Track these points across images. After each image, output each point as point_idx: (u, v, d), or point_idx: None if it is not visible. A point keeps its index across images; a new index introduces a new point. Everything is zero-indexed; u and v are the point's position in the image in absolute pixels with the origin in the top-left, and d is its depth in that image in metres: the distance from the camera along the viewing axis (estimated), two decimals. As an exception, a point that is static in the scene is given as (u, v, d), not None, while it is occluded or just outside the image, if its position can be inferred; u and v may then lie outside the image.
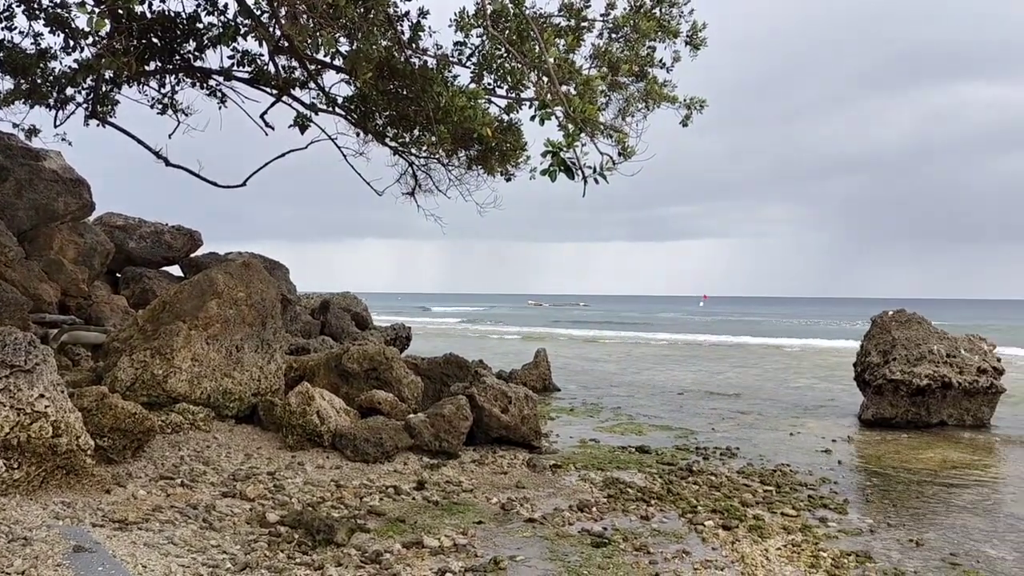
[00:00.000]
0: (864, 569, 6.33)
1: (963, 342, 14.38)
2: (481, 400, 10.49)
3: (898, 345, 14.13)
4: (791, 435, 12.93)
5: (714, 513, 7.80)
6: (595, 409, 15.45)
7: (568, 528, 7.21)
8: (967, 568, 6.49)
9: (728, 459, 10.80)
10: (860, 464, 10.90)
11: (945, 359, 13.90)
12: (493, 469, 9.46)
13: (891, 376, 13.84)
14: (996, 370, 14.18)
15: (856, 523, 7.73)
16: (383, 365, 11.24)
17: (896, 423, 13.84)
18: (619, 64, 8.00)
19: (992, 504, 8.71)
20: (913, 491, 9.25)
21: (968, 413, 13.96)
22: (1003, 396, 14.61)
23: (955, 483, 9.70)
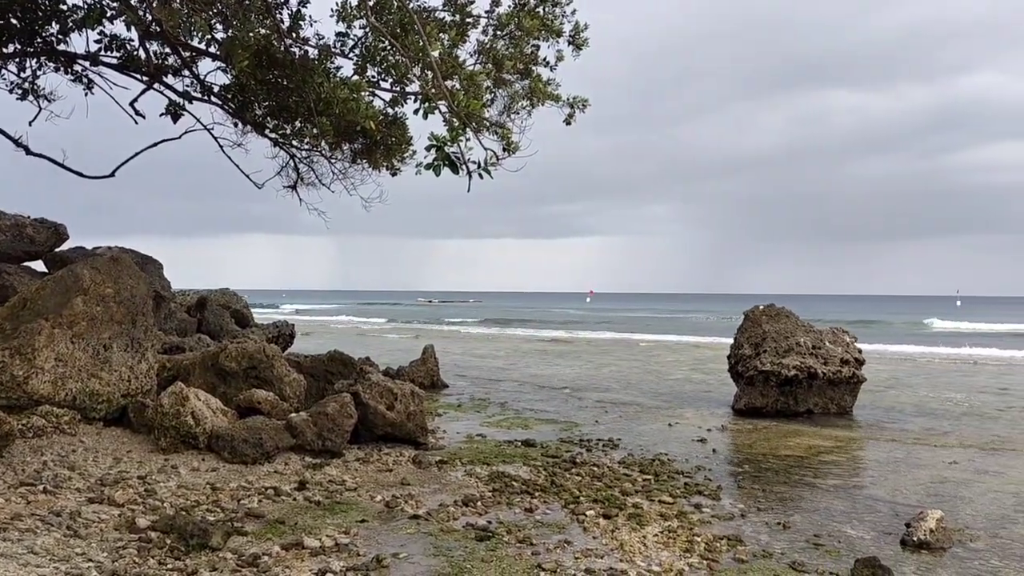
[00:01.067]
0: (735, 552, 6.60)
1: (827, 335, 15.23)
2: (366, 397, 10.35)
3: (768, 338, 14.83)
4: (670, 426, 13.37)
5: (596, 503, 7.97)
6: (482, 405, 15.52)
7: (453, 523, 7.21)
8: (829, 548, 6.86)
9: (610, 450, 11.06)
10: (733, 452, 11.38)
11: (811, 351, 14.69)
12: (378, 467, 9.36)
13: (762, 367, 14.52)
14: (857, 361, 15.10)
15: (728, 508, 8.07)
16: (263, 363, 10.93)
17: (767, 412, 14.54)
18: (503, 61, 8.06)
19: (852, 487, 9.27)
20: (781, 476, 9.73)
21: (832, 402, 14.80)
22: (863, 385, 15.57)
23: (820, 468, 10.26)
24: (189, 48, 10.25)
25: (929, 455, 11.17)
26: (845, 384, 14.87)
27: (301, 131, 10.62)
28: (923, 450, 11.54)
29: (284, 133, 11.13)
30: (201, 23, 7.51)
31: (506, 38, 8.86)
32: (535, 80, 8.97)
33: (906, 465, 10.48)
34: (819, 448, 11.61)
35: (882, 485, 9.33)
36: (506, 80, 8.92)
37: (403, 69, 8.25)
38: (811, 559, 6.51)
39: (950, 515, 7.71)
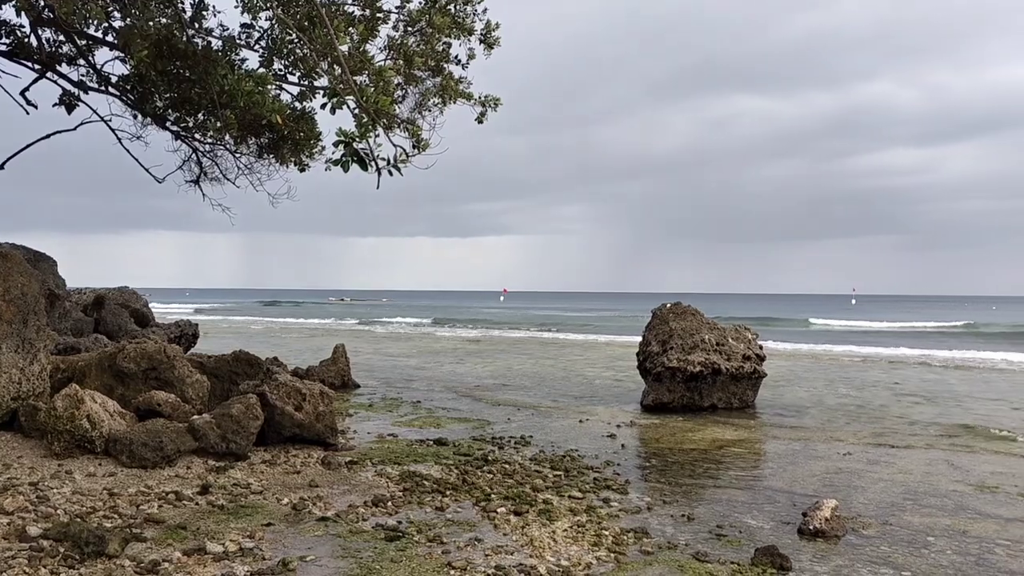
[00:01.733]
0: (641, 545, 6.75)
1: (730, 332, 15.73)
2: (273, 398, 10.12)
3: (675, 335, 15.21)
4: (580, 422, 13.55)
5: (507, 500, 8.01)
6: (394, 404, 15.39)
7: (362, 524, 7.13)
8: (731, 538, 7.09)
9: (522, 447, 11.14)
10: (641, 447, 11.63)
11: (715, 347, 15.14)
12: (285, 469, 9.17)
13: (669, 364, 14.88)
14: (758, 357, 15.64)
15: (636, 502, 8.24)
16: (164, 364, 10.56)
17: (673, 407, 14.91)
18: (414, 58, 8.00)
19: (753, 479, 9.59)
20: (687, 470, 9.99)
21: (735, 396, 15.29)
22: (764, 380, 16.15)
23: (723, 461, 10.59)
24: (85, 36, 9.80)
25: (825, 447, 11.66)
26: (747, 379, 15.39)
27: (204, 124, 10.27)
28: (819, 442, 12.04)
29: (186, 126, 10.74)
30: (97, 10, 7.18)
31: (417, 35, 8.80)
32: (447, 78, 8.94)
33: (803, 457, 10.92)
34: (722, 441, 11.97)
35: (781, 476, 9.70)
36: (417, 77, 8.86)
37: (311, 63, 8.09)
38: (714, 549, 6.70)
39: (844, 504, 8.06)
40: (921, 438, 12.45)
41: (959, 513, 8.10)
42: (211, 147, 11.76)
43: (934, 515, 8.00)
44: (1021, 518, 7.94)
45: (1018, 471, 10.14)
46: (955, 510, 8.21)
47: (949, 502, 8.53)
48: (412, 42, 8.71)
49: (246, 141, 10.47)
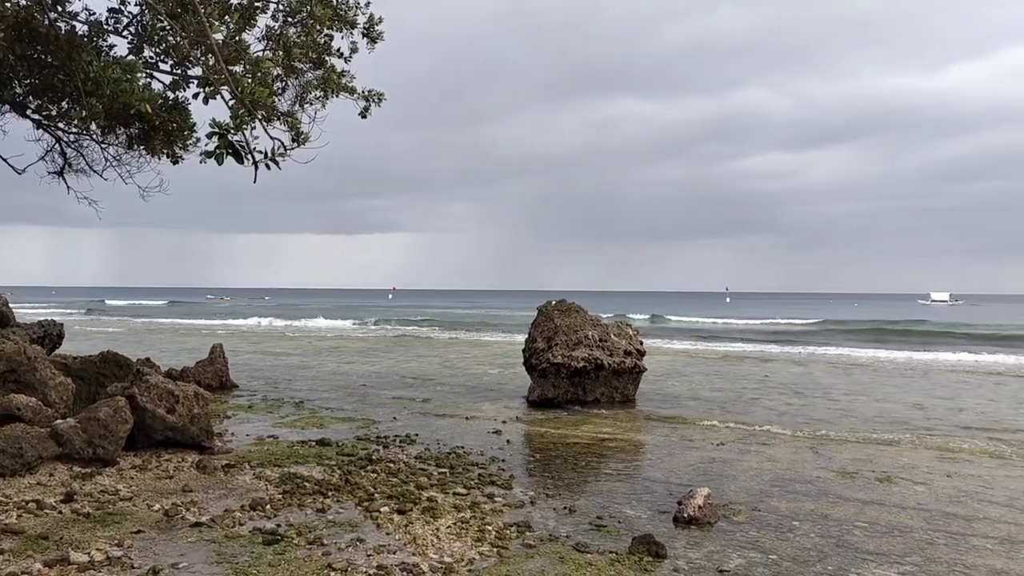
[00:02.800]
0: (524, 538, 6.83)
1: (613, 328, 16.12)
2: (143, 400, 9.68)
3: (560, 332, 15.47)
4: (467, 419, 13.59)
5: (390, 499, 7.94)
6: (276, 405, 14.99)
7: (239, 528, 6.91)
8: (611, 528, 7.27)
9: (407, 446, 11.07)
10: (526, 442, 11.77)
11: (599, 343, 15.49)
12: (157, 474, 8.79)
13: (554, 360, 15.13)
14: (639, 352, 16.10)
15: (519, 496, 8.33)
16: (24, 366, 9.92)
17: (558, 402, 15.16)
18: (293, 48, 7.79)
19: (633, 470, 9.87)
20: (570, 463, 10.18)
21: (617, 391, 15.70)
22: (645, 375, 16.64)
23: (604, 453, 10.84)
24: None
25: (700, 438, 12.12)
26: (629, 374, 15.81)
27: (68, 113, 9.67)
28: (695, 433, 12.50)
29: (49, 114, 10.10)
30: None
31: (298, 26, 8.58)
32: (329, 71, 8.75)
33: (680, 448, 11.32)
34: (604, 435, 12.26)
35: (659, 467, 10.02)
36: (298, 69, 8.64)
37: (184, 51, 7.75)
38: (594, 540, 6.85)
39: (717, 492, 8.40)
40: (788, 428, 13.12)
41: (822, 498, 8.58)
42: (76, 137, 11.11)
43: (799, 500, 8.45)
44: (877, 501, 8.49)
45: (875, 457, 10.83)
46: (818, 495, 8.70)
47: (813, 488, 9.03)
48: (292, 33, 8.50)
49: (114, 131, 9.93)
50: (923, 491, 8.94)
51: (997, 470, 10.08)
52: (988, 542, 7.07)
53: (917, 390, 18.93)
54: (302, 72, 8.70)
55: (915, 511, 8.07)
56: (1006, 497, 8.68)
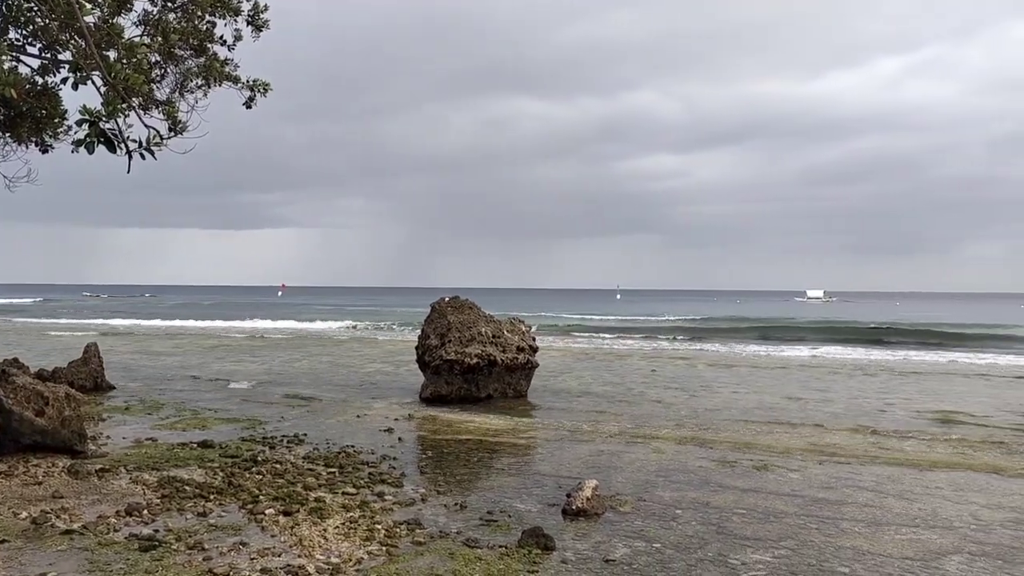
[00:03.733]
0: (414, 536, 6.78)
1: (506, 324, 16.22)
2: (9, 403, 9.10)
3: (453, 328, 15.45)
4: (358, 417, 13.40)
5: (276, 501, 7.74)
6: (155, 406, 14.37)
7: (113, 535, 6.59)
8: (501, 523, 7.31)
9: (295, 446, 10.81)
10: (418, 439, 11.70)
11: (492, 340, 15.56)
12: (24, 480, 8.29)
13: (447, 356, 15.10)
14: (532, 348, 16.27)
15: (410, 494, 8.27)
16: None
17: (451, 399, 15.15)
18: (171, 34, 7.44)
19: (524, 465, 9.96)
20: (462, 460, 10.18)
21: (510, 386, 15.81)
22: (537, 371, 16.83)
23: (496, 449, 10.90)
24: None
25: (590, 431, 12.35)
26: (521, 370, 15.95)
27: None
28: (585, 427, 12.73)
29: (-101, 96, 9.27)
30: None
31: (178, 11, 8.21)
32: (211, 59, 8.41)
33: (570, 442, 11.50)
34: (497, 430, 12.33)
35: (549, 461, 10.15)
36: (178, 56, 8.27)
37: (52, 34, 7.29)
38: (484, 535, 6.88)
39: (604, 484, 8.58)
40: (673, 421, 13.53)
41: (703, 487, 8.88)
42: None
43: (682, 490, 8.72)
44: (755, 488, 8.85)
45: (754, 447, 11.29)
46: (700, 484, 9.00)
47: (695, 477, 9.34)
48: (172, 18, 8.12)
49: (-25, 116, 9.23)
50: (797, 478, 9.38)
51: (864, 457, 10.68)
52: (856, 525, 7.48)
53: (792, 383, 19.87)
54: (182, 59, 8.35)
55: (789, 497, 8.47)
56: (872, 482, 9.21)
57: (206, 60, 8.29)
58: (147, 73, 6.67)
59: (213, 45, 8.38)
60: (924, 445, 11.55)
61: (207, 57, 8.29)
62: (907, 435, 12.35)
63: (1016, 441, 11.95)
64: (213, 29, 8.25)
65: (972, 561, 6.46)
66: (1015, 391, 18.67)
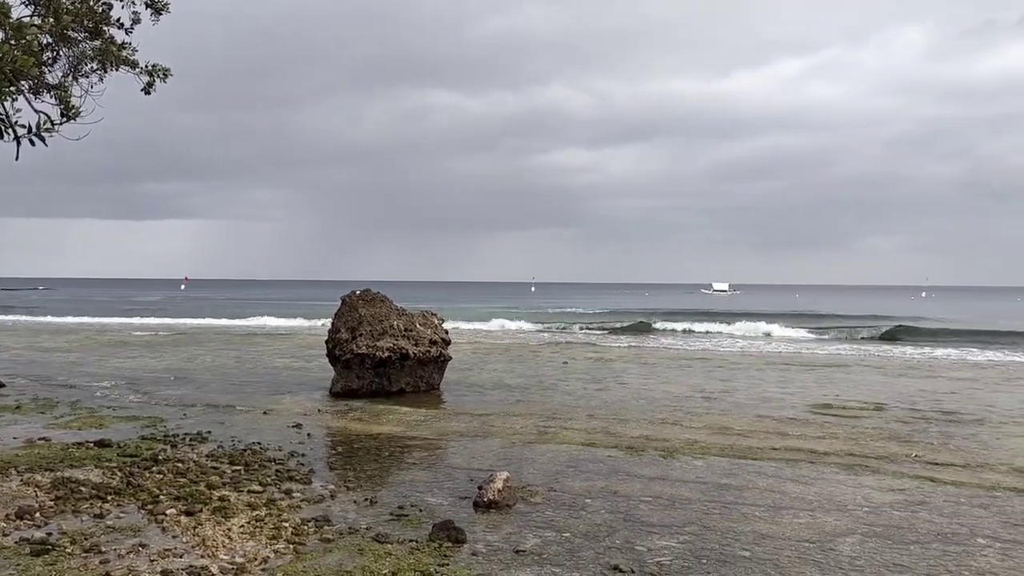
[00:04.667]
0: (322, 533, 6.68)
1: (418, 317, 16.14)
2: None
3: (364, 322, 15.28)
4: (265, 414, 13.11)
5: (177, 500, 7.50)
6: (48, 404, 13.71)
7: (3, 540, 6.27)
8: (412, 517, 7.27)
9: (198, 444, 10.50)
10: (328, 435, 11.53)
11: (404, 333, 15.45)
12: (-100, 486, 7.78)
13: (358, 350, 14.92)
14: (444, 341, 16.23)
15: (319, 491, 8.14)
16: None
17: (363, 393, 14.99)
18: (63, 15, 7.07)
19: (436, 458, 9.94)
20: (372, 455, 10.08)
21: (423, 380, 15.74)
22: (450, 364, 16.81)
23: (408, 443, 10.84)
24: None
25: (502, 423, 12.42)
26: (434, 363, 15.90)
27: None
28: (497, 419, 12.79)
29: None
30: None
31: (72, -10, 7.80)
32: (107, 42, 8.03)
33: (482, 434, 11.54)
34: (409, 424, 12.26)
35: (461, 454, 10.16)
36: (71, 38, 7.87)
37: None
38: (394, 530, 6.83)
39: (516, 475, 8.64)
40: (584, 412, 13.73)
41: (612, 476, 9.05)
42: None
43: (592, 479, 8.87)
44: (661, 476, 9.08)
45: (660, 435, 11.56)
46: (609, 473, 9.17)
47: (604, 467, 9.51)
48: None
49: None
50: (701, 465, 9.66)
51: (764, 443, 11.08)
52: (756, 510, 7.75)
53: (698, 373, 20.45)
54: (76, 41, 7.95)
55: (694, 484, 8.71)
56: (772, 469, 9.57)
57: (102, 43, 7.93)
58: (38, 55, 6.33)
59: (109, 28, 8.02)
60: (820, 432, 12.05)
61: (103, 40, 7.93)
62: (805, 423, 12.88)
63: (905, 428, 12.62)
64: (110, 11, 7.90)
65: (864, 541, 6.78)
66: (907, 380, 19.70)
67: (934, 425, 12.74)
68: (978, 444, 11.19)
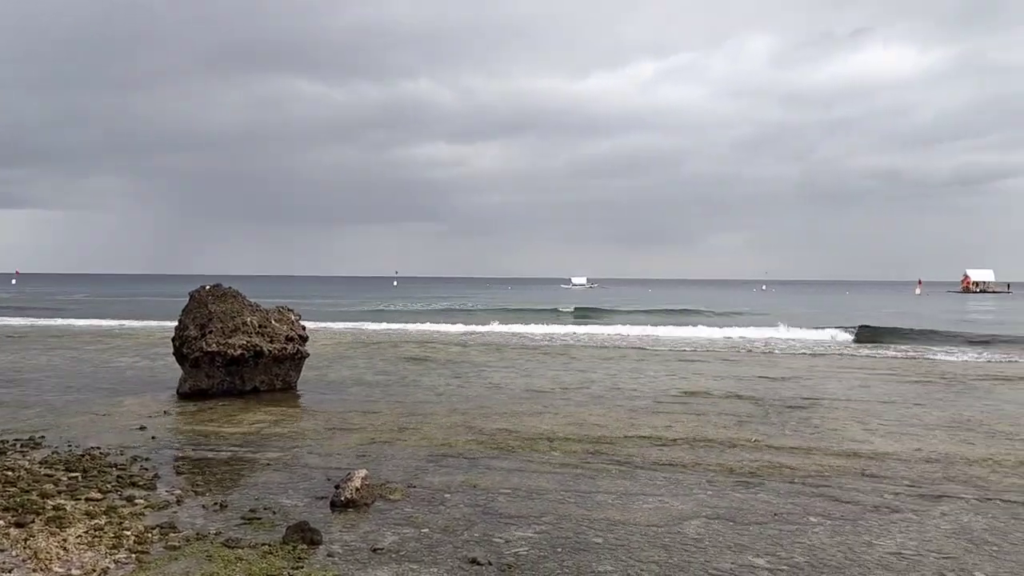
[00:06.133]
0: (167, 540, 6.37)
1: (273, 313, 15.65)
2: None
3: (215, 318, 14.66)
4: (105, 416, 12.35)
5: (6, 512, 6.96)
6: None
7: None
8: (264, 520, 7.05)
9: (31, 450, 9.78)
10: (175, 437, 10.99)
11: (258, 330, 14.94)
12: None
13: (208, 348, 14.30)
14: (302, 338, 15.82)
15: (164, 496, 7.76)
16: None
17: (213, 393, 14.38)
18: None
19: (291, 459, 9.67)
20: (223, 457, 9.70)
21: (278, 378, 15.28)
22: (308, 361, 16.40)
23: (262, 444, 10.50)
24: None
25: (362, 420, 12.24)
26: (290, 360, 15.47)
27: None
28: (357, 417, 12.60)
29: None
30: None
31: None
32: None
33: (341, 432, 11.33)
34: (263, 424, 11.88)
35: (318, 453, 9.94)
36: None
37: None
38: (246, 534, 6.61)
39: (375, 473, 8.55)
40: (446, 406, 13.75)
41: (472, 469, 9.12)
42: None
43: (452, 474, 8.89)
44: (519, 468, 9.22)
45: (520, 427, 11.74)
46: (469, 467, 9.23)
47: (465, 461, 9.56)
48: None
49: None
50: (558, 456, 9.88)
51: (617, 432, 11.46)
52: (609, 497, 8.01)
53: (558, 366, 20.91)
54: None
55: (551, 475, 8.90)
56: (625, 456, 9.92)
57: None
58: None
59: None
60: (669, 420, 12.59)
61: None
62: (655, 412, 13.42)
63: (746, 415, 13.38)
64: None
65: (708, 523, 7.15)
66: (749, 368, 20.89)
67: (772, 411, 13.58)
68: (810, 428, 12.02)
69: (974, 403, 14.84)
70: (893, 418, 13.02)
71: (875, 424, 12.41)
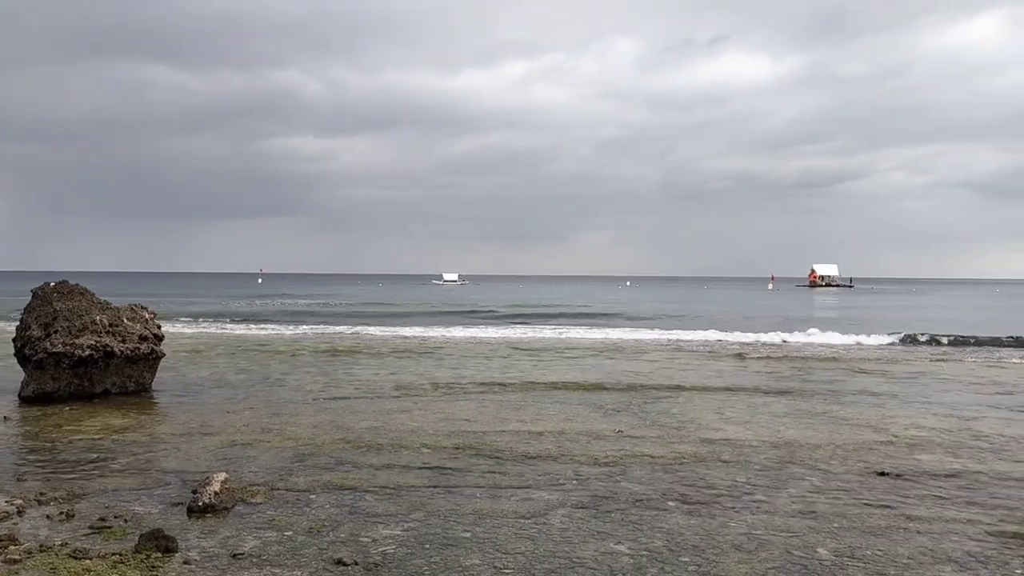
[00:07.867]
0: (7, 553, 5.93)
1: (126, 311, 14.83)
2: None
3: (60, 317, 13.75)
4: (-66, 425, 11.35)
5: None
6: None
7: None
8: (115, 529, 6.69)
9: None
10: (16, 444, 10.25)
11: (108, 329, 14.12)
12: None
13: (53, 349, 13.40)
14: (157, 337, 15.07)
15: (3, 507, 7.21)
16: None
17: (59, 396, 13.49)
18: None
19: (145, 463, 9.19)
20: (71, 463, 9.13)
21: (131, 379, 14.50)
22: (164, 361, 15.65)
23: (113, 449, 9.94)
24: None
25: (222, 422, 11.80)
26: (144, 361, 14.71)
27: None
28: (217, 418, 12.14)
29: None
30: None
31: None
32: None
33: (200, 434, 10.88)
34: (114, 428, 11.25)
35: (175, 457, 9.51)
36: None
37: None
38: (95, 544, 6.24)
39: (236, 476, 8.27)
40: (312, 406, 13.45)
41: (338, 468, 8.96)
42: None
43: (317, 474, 8.71)
44: (387, 465, 9.14)
45: (387, 424, 11.63)
46: (335, 466, 9.07)
47: (331, 460, 9.39)
48: None
49: None
50: (427, 451, 9.87)
51: (487, 427, 11.57)
52: (477, 491, 8.07)
53: (428, 363, 20.89)
54: None
55: (419, 471, 8.88)
56: (494, 450, 10.02)
57: None
58: None
59: None
60: (537, 413, 12.82)
61: None
62: (523, 406, 13.63)
63: (610, 406, 13.80)
64: None
65: (572, 513, 7.33)
66: (615, 361, 21.54)
67: (635, 402, 14.07)
68: (669, 418, 12.54)
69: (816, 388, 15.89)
70: (744, 407, 13.77)
71: (728, 413, 13.09)
